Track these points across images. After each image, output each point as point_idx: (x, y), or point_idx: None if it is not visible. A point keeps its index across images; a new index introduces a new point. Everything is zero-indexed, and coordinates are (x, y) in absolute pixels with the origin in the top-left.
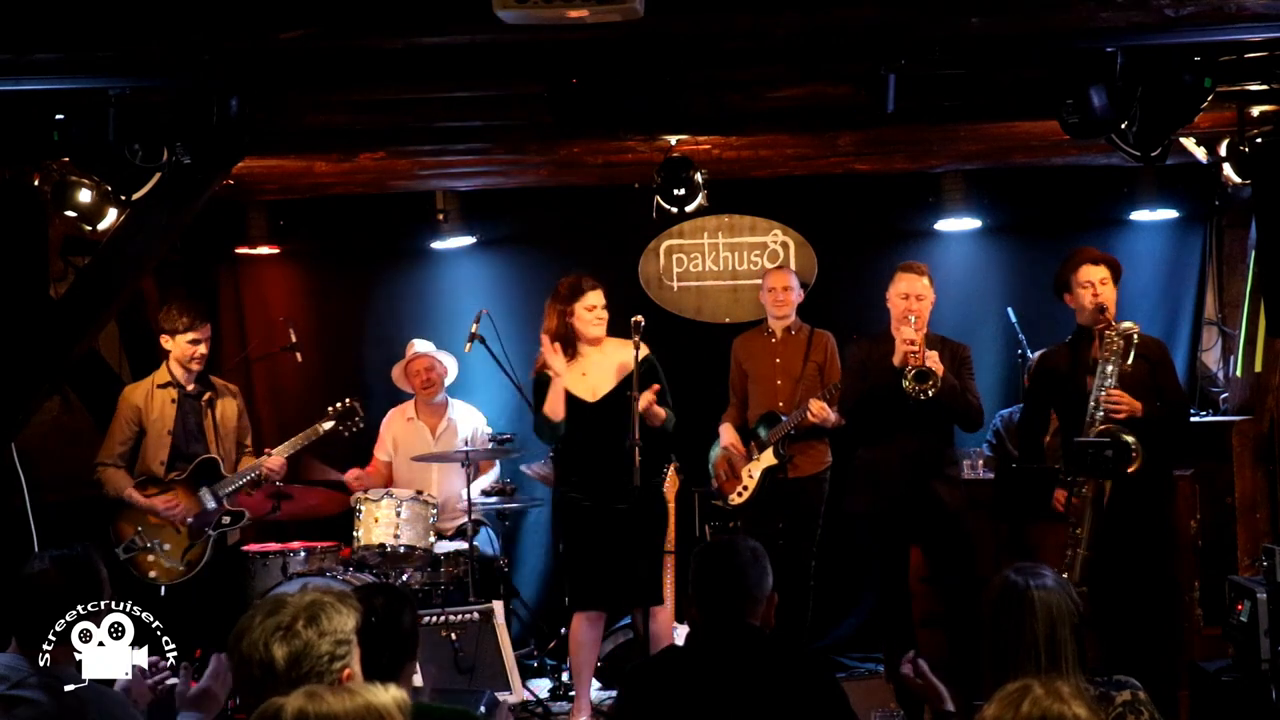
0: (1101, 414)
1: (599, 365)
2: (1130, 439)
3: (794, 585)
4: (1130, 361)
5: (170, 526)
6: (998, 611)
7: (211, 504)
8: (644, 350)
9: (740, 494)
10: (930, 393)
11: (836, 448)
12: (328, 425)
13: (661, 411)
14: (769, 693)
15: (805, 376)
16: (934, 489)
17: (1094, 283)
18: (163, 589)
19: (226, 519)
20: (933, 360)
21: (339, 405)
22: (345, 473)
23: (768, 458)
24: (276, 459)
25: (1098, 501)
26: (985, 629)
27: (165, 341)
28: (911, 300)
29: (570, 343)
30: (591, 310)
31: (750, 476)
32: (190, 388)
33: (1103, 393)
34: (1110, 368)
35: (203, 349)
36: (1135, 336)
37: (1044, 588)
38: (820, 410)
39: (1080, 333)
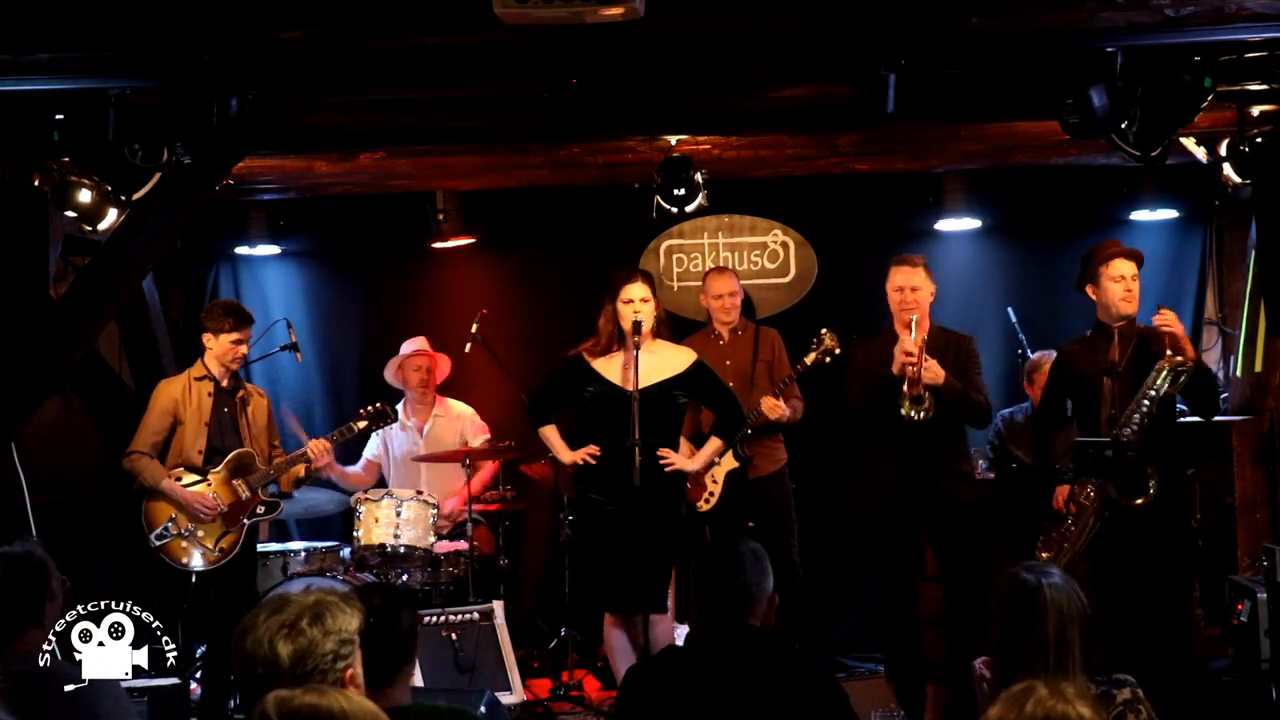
0: (1139, 415)
1: (644, 361)
2: (1152, 480)
3: (780, 584)
4: (1176, 389)
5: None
6: (1008, 610)
7: (246, 494)
8: (691, 354)
9: (708, 500)
10: (927, 415)
11: (842, 449)
12: (361, 425)
13: (703, 456)
14: (769, 694)
15: (756, 376)
16: (943, 486)
17: (1126, 277)
18: (193, 576)
19: (261, 509)
20: (931, 371)
21: (373, 407)
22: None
23: (728, 461)
24: (322, 443)
25: (1099, 516)
26: (994, 627)
27: (207, 340)
28: (906, 293)
29: (619, 337)
30: (629, 304)
31: (714, 482)
32: (225, 384)
33: (1146, 403)
34: (1154, 393)
35: (244, 349)
36: (1184, 376)
37: (1055, 587)
38: (772, 407)
39: (1099, 329)
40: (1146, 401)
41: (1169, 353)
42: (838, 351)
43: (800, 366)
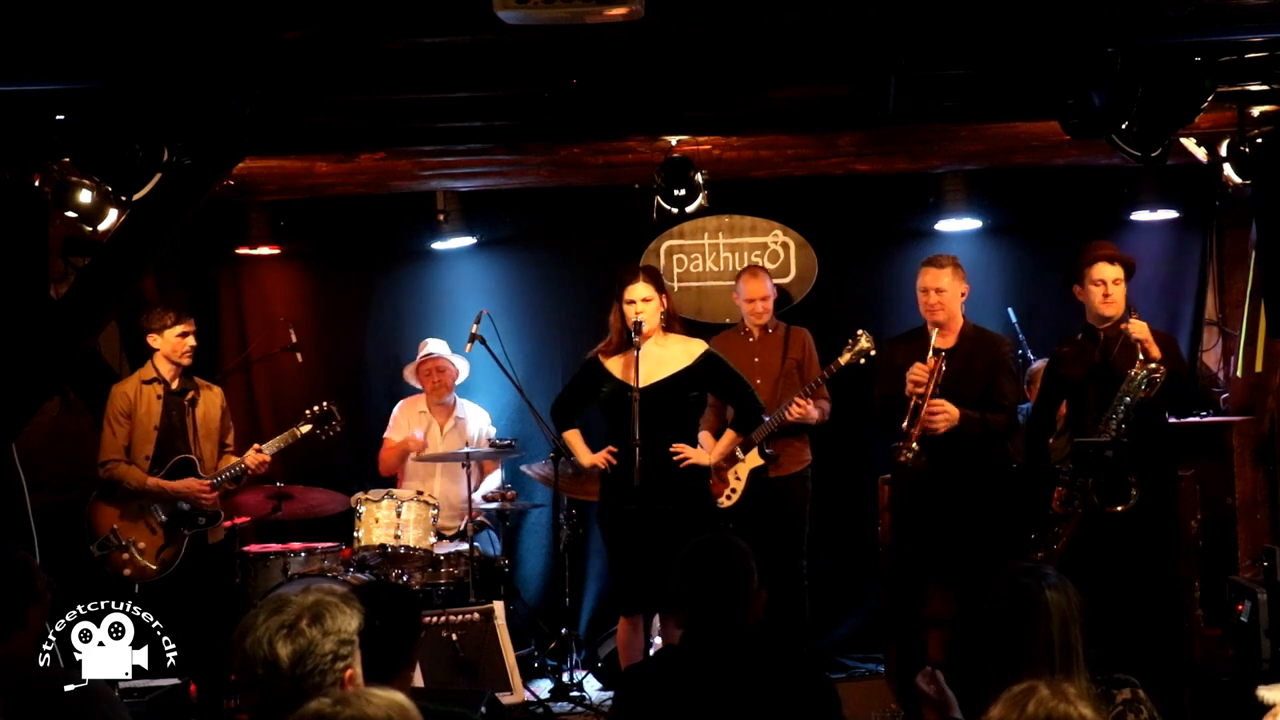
0: (1115, 419)
1: (651, 356)
2: (1134, 489)
3: (787, 585)
4: (1152, 393)
5: (144, 526)
6: (1008, 613)
7: (186, 505)
8: (701, 346)
9: (729, 497)
10: (917, 465)
11: (855, 449)
12: (305, 429)
13: (720, 449)
14: (765, 693)
15: (785, 374)
16: (965, 490)
17: (1106, 282)
18: (136, 587)
19: (201, 519)
20: (946, 417)
21: (316, 409)
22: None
23: (753, 458)
24: (259, 456)
25: (1081, 518)
26: (993, 630)
27: (153, 340)
28: (930, 294)
29: (626, 335)
30: (631, 304)
31: (737, 478)
32: (175, 384)
33: (1122, 409)
34: (1128, 399)
35: (191, 341)
36: (1159, 379)
37: (1054, 588)
38: (799, 409)
39: (1088, 331)
40: (1122, 407)
41: (1140, 359)
42: (873, 353)
43: (834, 367)
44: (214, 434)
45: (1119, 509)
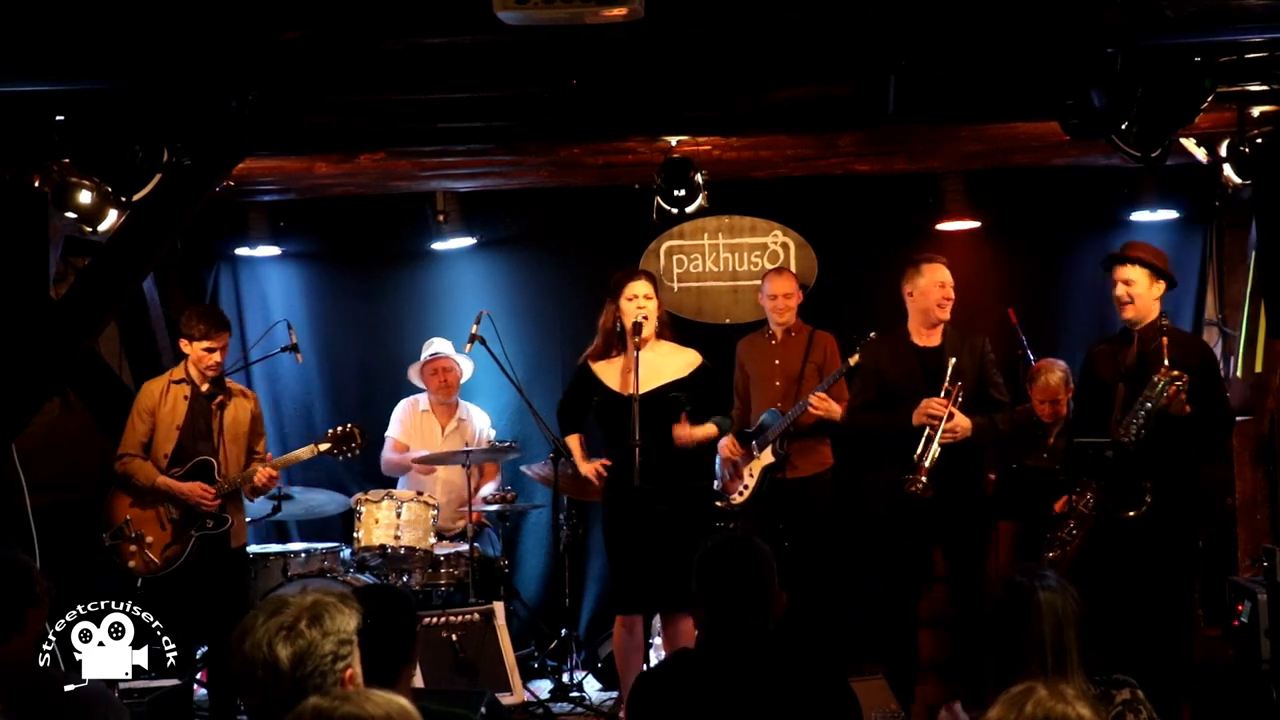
0: (1136, 424)
1: (645, 362)
2: (1148, 494)
3: (798, 587)
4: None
5: (155, 521)
6: (1003, 613)
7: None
8: (697, 357)
9: (741, 493)
10: (924, 494)
11: (852, 447)
12: (324, 447)
13: (694, 434)
14: (784, 697)
15: (805, 377)
16: (956, 490)
17: (1119, 283)
18: (139, 581)
19: (210, 522)
20: (960, 428)
21: (338, 430)
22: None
23: (766, 456)
24: (268, 472)
25: (1094, 521)
26: (990, 630)
27: (183, 345)
28: (948, 289)
29: (619, 338)
30: (632, 300)
31: (750, 475)
32: (204, 388)
33: (1143, 413)
34: (1150, 405)
35: (217, 357)
36: (1181, 385)
37: (1049, 589)
38: (821, 402)
39: (1124, 330)
40: (1143, 412)
41: (1165, 365)
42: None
43: (846, 366)
44: (241, 439)
45: (1131, 514)
